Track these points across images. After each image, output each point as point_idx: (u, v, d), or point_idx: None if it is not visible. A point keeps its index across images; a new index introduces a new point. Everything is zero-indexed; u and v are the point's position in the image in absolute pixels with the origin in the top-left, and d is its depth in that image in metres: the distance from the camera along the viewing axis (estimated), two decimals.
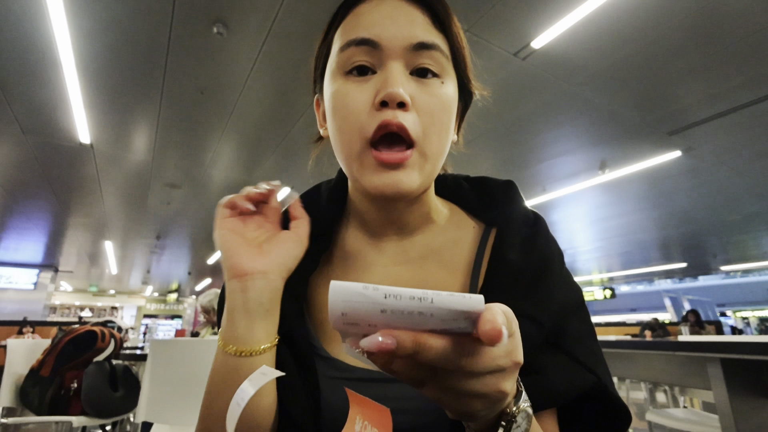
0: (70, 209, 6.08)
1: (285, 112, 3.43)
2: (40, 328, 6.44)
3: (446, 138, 0.43)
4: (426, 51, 0.41)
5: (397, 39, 0.40)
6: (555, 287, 0.43)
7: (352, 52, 0.41)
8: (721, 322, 9.49)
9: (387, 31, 0.40)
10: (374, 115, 0.39)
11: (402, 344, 0.23)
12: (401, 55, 0.41)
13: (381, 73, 0.41)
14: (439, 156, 0.43)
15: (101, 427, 2.59)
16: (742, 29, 2.51)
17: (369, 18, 0.42)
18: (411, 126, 0.39)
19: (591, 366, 0.40)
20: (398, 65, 0.40)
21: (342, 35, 0.43)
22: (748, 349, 1.17)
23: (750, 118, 3.49)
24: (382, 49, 0.40)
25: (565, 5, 2.33)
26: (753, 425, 1.25)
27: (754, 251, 9.47)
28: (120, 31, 2.49)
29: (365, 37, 0.41)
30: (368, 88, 0.40)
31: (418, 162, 0.41)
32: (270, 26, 2.46)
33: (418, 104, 0.40)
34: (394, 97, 0.38)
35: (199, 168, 4.56)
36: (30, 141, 3.85)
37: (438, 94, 0.41)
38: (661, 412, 1.84)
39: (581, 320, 0.43)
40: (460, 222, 0.52)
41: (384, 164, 0.40)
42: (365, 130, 0.40)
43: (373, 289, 0.25)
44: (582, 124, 3.63)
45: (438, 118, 0.41)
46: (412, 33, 0.41)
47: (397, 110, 0.39)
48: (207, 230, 7.30)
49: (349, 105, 0.41)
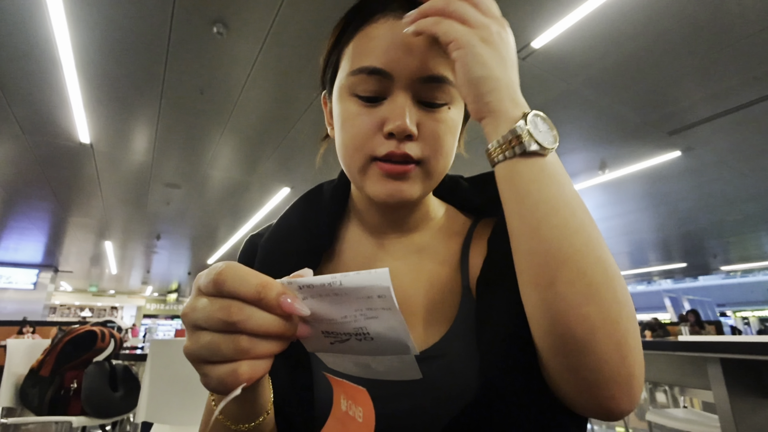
0: (70, 209, 6.08)
1: (285, 112, 3.43)
2: (39, 328, 6.43)
3: (450, 157, 0.46)
4: (434, 84, 0.42)
5: (409, 70, 0.41)
6: None
7: (363, 78, 0.42)
8: (721, 322, 9.48)
9: (400, 62, 0.41)
10: (381, 142, 0.42)
11: None
12: (410, 86, 0.42)
13: (390, 100, 0.42)
14: (442, 174, 0.46)
15: (101, 427, 2.59)
16: (742, 29, 2.51)
17: (383, 44, 0.42)
18: (415, 152, 0.42)
19: None
20: (406, 96, 0.42)
21: (354, 55, 0.43)
22: (748, 349, 1.17)
23: (750, 118, 3.49)
24: (393, 79, 0.41)
25: (565, 5, 2.33)
26: (753, 425, 1.25)
27: (754, 251, 9.47)
28: (120, 31, 2.49)
29: (378, 68, 0.41)
30: (377, 114, 0.42)
31: (420, 176, 0.43)
32: (270, 26, 2.46)
33: (424, 131, 0.42)
34: (402, 130, 0.40)
35: (199, 168, 4.56)
36: (30, 141, 3.85)
37: (444, 119, 0.43)
38: (661, 412, 1.84)
39: None
40: (454, 219, 0.55)
41: (388, 175, 0.42)
42: (372, 150, 0.42)
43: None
44: (582, 124, 3.63)
45: (444, 141, 0.43)
46: (424, 65, 0.41)
47: (404, 142, 0.41)
48: (207, 230, 7.30)
49: (356, 126, 0.43)
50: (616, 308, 0.32)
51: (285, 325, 0.27)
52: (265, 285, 0.26)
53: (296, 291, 0.28)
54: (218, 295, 0.26)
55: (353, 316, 0.28)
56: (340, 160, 0.47)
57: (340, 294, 0.27)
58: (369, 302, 0.27)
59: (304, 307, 0.28)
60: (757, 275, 15.69)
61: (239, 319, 0.26)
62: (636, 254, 9.93)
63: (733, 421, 1.22)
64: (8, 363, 2.25)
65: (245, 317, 0.26)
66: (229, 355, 0.26)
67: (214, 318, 0.26)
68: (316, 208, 0.54)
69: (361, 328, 0.29)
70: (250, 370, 0.26)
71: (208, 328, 0.26)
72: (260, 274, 0.27)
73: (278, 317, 0.27)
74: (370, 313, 0.27)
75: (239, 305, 0.26)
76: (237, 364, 0.26)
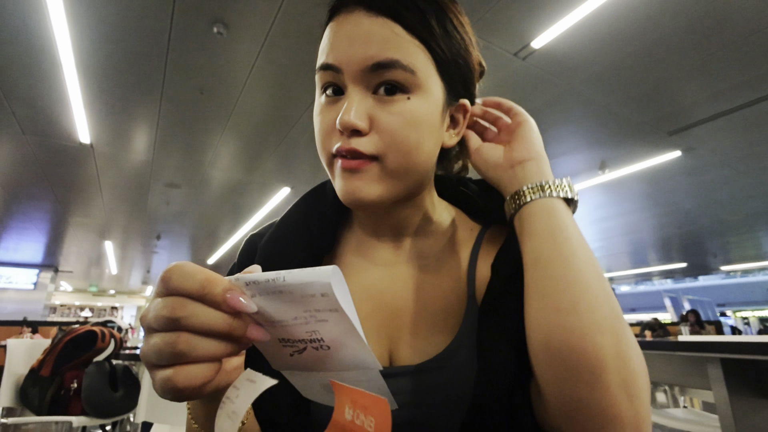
0: (70, 209, 6.08)
1: (285, 112, 3.43)
2: (39, 328, 6.43)
3: (417, 153, 0.42)
4: (385, 71, 0.39)
5: (353, 62, 0.40)
6: None
7: (322, 75, 0.43)
8: (721, 322, 9.49)
9: (344, 54, 0.40)
10: (337, 138, 0.41)
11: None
12: (360, 78, 0.40)
13: (345, 94, 0.41)
14: (407, 172, 0.42)
15: (101, 427, 2.58)
16: (742, 29, 2.51)
17: (333, 40, 0.42)
18: (365, 147, 0.40)
19: None
20: (356, 89, 0.40)
21: (319, 51, 0.44)
22: (748, 349, 1.17)
23: (750, 118, 3.49)
24: (342, 72, 0.41)
25: (565, 5, 2.33)
26: (753, 425, 1.25)
27: (754, 251, 9.47)
28: (120, 31, 2.49)
29: (328, 63, 0.41)
30: (336, 109, 0.41)
31: (378, 174, 0.41)
32: (270, 26, 2.46)
33: (378, 125, 0.40)
34: (345, 125, 0.39)
35: (199, 168, 4.56)
36: (30, 141, 3.84)
37: (400, 111, 0.40)
38: (661, 412, 1.84)
39: None
40: (460, 224, 0.52)
41: (344, 170, 0.41)
42: (330, 148, 0.42)
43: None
44: (582, 124, 3.63)
45: (401, 135, 0.40)
46: (368, 54, 0.39)
47: (353, 137, 0.40)
48: (207, 230, 7.30)
49: (320, 124, 0.43)
50: (625, 345, 0.33)
51: (231, 322, 0.26)
52: (211, 280, 0.25)
53: (243, 287, 0.27)
54: (166, 293, 0.26)
55: (303, 317, 0.27)
56: None
57: (285, 292, 0.26)
58: (315, 302, 0.25)
59: (251, 304, 0.26)
60: (757, 275, 15.70)
61: (182, 315, 0.24)
62: (636, 254, 9.93)
63: (733, 421, 1.22)
64: (8, 363, 2.25)
65: (188, 313, 0.25)
66: (167, 356, 0.24)
67: (160, 316, 0.25)
68: (317, 209, 0.52)
69: (313, 332, 0.27)
70: (186, 376, 0.25)
71: (157, 328, 0.25)
72: (207, 270, 0.26)
73: (224, 314, 0.26)
74: (319, 315, 0.26)
75: (183, 301, 0.25)
76: (173, 369, 0.25)
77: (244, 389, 0.28)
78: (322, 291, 0.25)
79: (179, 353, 0.24)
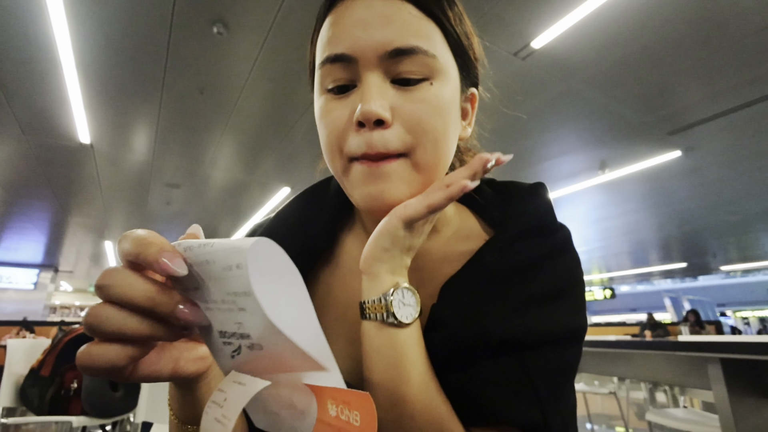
0: (70, 209, 6.08)
1: (285, 111, 3.43)
2: (39, 328, 6.42)
3: (444, 143, 0.38)
4: (405, 57, 0.36)
5: (371, 48, 0.36)
6: (540, 304, 0.38)
7: (328, 69, 0.38)
8: (721, 322, 9.48)
9: (359, 41, 0.36)
10: (356, 137, 0.37)
11: None
12: (378, 65, 0.37)
13: (360, 86, 0.37)
14: (436, 166, 0.38)
15: (101, 427, 2.58)
16: (742, 29, 2.51)
17: (341, 27, 0.38)
18: (395, 143, 0.36)
19: (545, 406, 0.36)
20: (375, 76, 0.37)
21: (321, 47, 0.40)
22: (748, 349, 1.17)
23: (750, 118, 3.49)
24: (357, 61, 0.37)
25: (565, 5, 2.33)
26: (753, 425, 1.25)
27: (754, 251, 9.47)
28: (120, 30, 2.49)
29: (338, 53, 0.37)
30: (348, 104, 0.38)
31: (407, 172, 0.37)
32: (270, 26, 2.46)
33: (401, 114, 0.36)
34: (369, 116, 0.35)
35: (199, 168, 4.56)
36: (30, 141, 3.84)
37: (424, 98, 0.37)
38: (661, 412, 1.84)
39: (565, 354, 0.38)
40: (471, 232, 0.46)
41: (368, 173, 0.37)
42: (348, 150, 0.38)
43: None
44: (582, 124, 3.63)
45: (429, 124, 0.37)
46: (387, 39, 0.36)
47: (375, 129, 0.36)
48: (207, 230, 7.26)
49: (329, 123, 0.38)
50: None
51: (154, 296, 0.23)
52: (150, 241, 0.23)
53: (182, 252, 0.24)
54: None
55: (227, 301, 0.23)
56: (327, 164, 0.42)
57: (210, 262, 0.23)
58: (231, 280, 0.21)
59: (182, 265, 0.23)
60: (757, 275, 15.70)
61: (103, 284, 0.23)
62: (636, 254, 9.93)
63: (733, 421, 1.22)
64: (8, 363, 2.25)
65: (110, 282, 0.23)
66: (86, 329, 0.23)
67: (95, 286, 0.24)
68: (318, 205, 0.49)
69: (239, 324, 0.23)
70: (95, 353, 0.23)
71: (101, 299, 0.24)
72: (153, 234, 0.24)
73: (148, 286, 0.23)
74: (238, 300, 0.22)
75: (113, 270, 0.23)
76: (89, 343, 0.23)
77: (231, 392, 0.25)
78: (237, 262, 0.21)
79: (89, 326, 0.23)
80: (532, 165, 4.54)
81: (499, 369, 0.37)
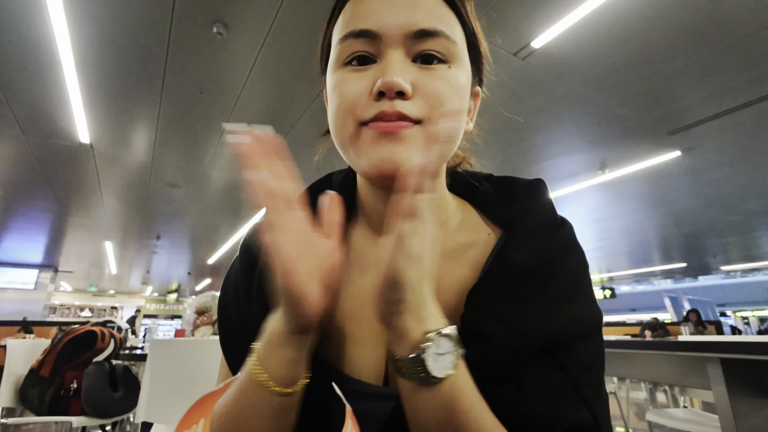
0: (70, 209, 6.08)
1: (285, 111, 3.43)
2: (39, 328, 6.42)
3: (459, 122, 0.38)
4: (428, 39, 0.38)
5: (397, 27, 0.37)
6: (565, 301, 0.38)
7: (350, 43, 0.39)
8: (721, 322, 9.48)
9: (386, 19, 0.38)
10: (371, 104, 0.37)
11: None
12: (401, 43, 0.38)
13: (381, 62, 0.38)
14: (450, 140, 0.36)
15: (101, 427, 2.58)
16: (742, 29, 2.51)
17: (367, 5, 0.39)
18: (412, 111, 0.36)
19: (591, 404, 0.36)
20: (398, 53, 0.38)
21: (341, 26, 0.41)
22: (748, 349, 1.17)
23: (750, 118, 3.49)
24: (381, 38, 0.38)
25: (565, 5, 2.33)
26: (753, 425, 1.25)
27: (754, 251, 9.47)
28: (120, 31, 2.49)
29: (363, 28, 0.38)
30: (367, 77, 0.38)
31: (421, 139, 0.37)
32: (270, 26, 2.46)
33: (422, 89, 0.37)
34: (392, 86, 0.35)
35: (199, 168, 4.56)
36: (30, 141, 3.84)
37: (445, 77, 0.38)
38: (661, 412, 1.84)
39: (593, 348, 0.39)
40: (474, 226, 0.47)
41: (381, 134, 0.36)
42: (360, 115, 0.37)
43: None
44: (582, 124, 3.63)
45: (447, 99, 0.37)
46: (413, 20, 0.38)
47: (396, 99, 0.36)
48: (207, 230, 7.30)
49: (345, 92, 0.38)
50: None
51: None
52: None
53: None
54: None
55: None
56: (334, 139, 0.42)
57: None
58: None
59: None
60: (757, 275, 15.69)
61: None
62: (636, 254, 9.92)
63: (733, 421, 1.22)
64: (8, 363, 2.25)
65: None
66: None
67: None
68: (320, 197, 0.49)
69: None
70: None
71: None
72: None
73: None
74: None
75: None
76: None
77: None
78: None
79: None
80: (532, 165, 4.54)
81: (542, 375, 0.36)
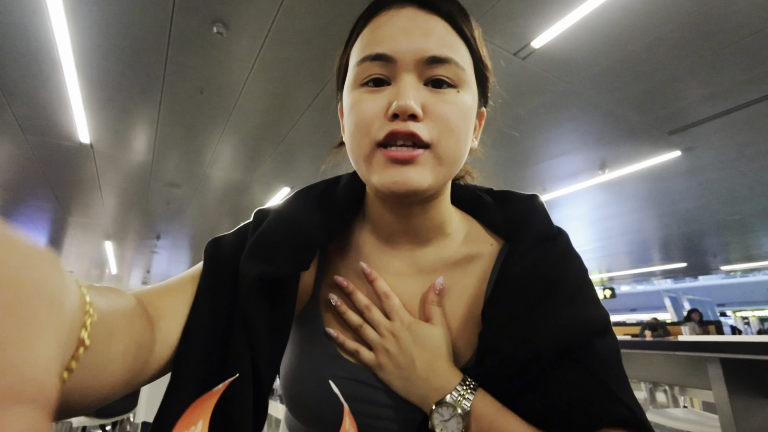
0: (70, 209, 6.08)
1: (285, 112, 3.43)
2: None
3: (464, 143, 0.43)
4: (439, 65, 0.41)
5: (411, 53, 0.40)
6: (571, 304, 0.41)
7: (367, 66, 0.42)
8: (721, 322, 9.48)
9: (400, 45, 0.41)
10: (386, 125, 0.40)
11: None
12: (414, 68, 0.41)
13: (395, 84, 0.41)
14: (455, 161, 0.42)
15: (101, 427, 2.58)
16: (742, 29, 2.51)
17: (384, 32, 0.42)
18: (423, 133, 0.39)
19: (623, 396, 0.38)
20: (411, 77, 0.40)
21: (359, 49, 0.43)
22: (748, 349, 1.17)
23: (750, 118, 3.49)
24: (396, 62, 0.41)
25: (565, 5, 2.33)
26: (753, 425, 1.25)
27: (754, 251, 9.46)
28: (120, 31, 2.49)
29: (380, 53, 0.41)
30: (382, 98, 0.41)
31: (431, 162, 0.41)
32: (270, 26, 2.46)
33: (431, 112, 0.40)
34: (405, 109, 0.38)
35: (199, 168, 4.56)
36: (30, 141, 3.84)
37: (453, 101, 0.41)
38: (661, 412, 1.84)
39: (611, 343, 0.41)
40: (478, 238, 0.51)
41: (394, 161, 0.40)
42: (375, 135, 0.40)
43: None
44: (582, 123, 3.63)
45: (454, 123, 0.41)
46: (426, 47, 0.40)
47: (409, 121, 0.39)
48: (207, 230, 7.30)
49: (361, 112, 0.41)
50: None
51: None
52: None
53: None
54: None
55: None
56: (350, 156, 0.45)
57: None
58: None
59: None
60: (757, 275, 15.70)
61: None
62: (636, 254, 9.92)
63: (733, 421, 1.22)
64: None
65: None
66: None
67: None
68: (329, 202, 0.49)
69: None
70: None
71: None
72: None
73: None
74: None
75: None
76: None
77: None
78: None
79: None
80: (532, 165, 4.53)
81: (568, 377, 0.38)
